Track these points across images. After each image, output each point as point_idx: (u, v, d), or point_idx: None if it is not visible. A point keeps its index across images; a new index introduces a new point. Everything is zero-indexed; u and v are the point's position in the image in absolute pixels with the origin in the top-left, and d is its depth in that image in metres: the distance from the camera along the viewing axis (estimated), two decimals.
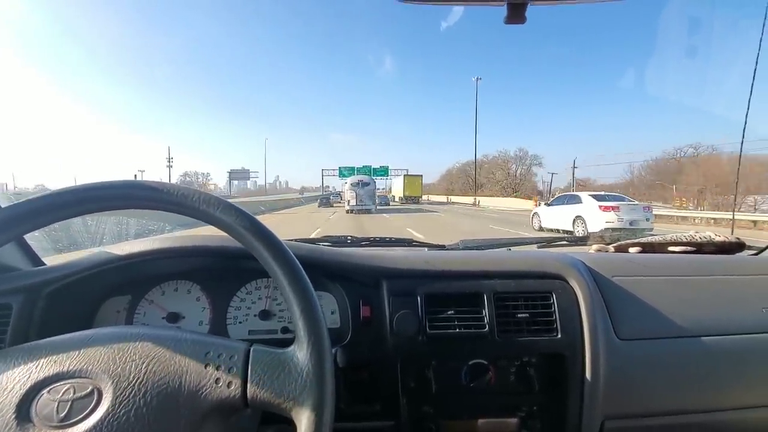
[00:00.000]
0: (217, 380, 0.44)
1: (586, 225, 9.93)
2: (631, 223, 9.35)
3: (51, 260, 0.90)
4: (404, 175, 48.30)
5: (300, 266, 0.49)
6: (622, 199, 10.78)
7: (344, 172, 51.23)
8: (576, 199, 10.99)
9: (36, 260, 0.89)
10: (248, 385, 0.44)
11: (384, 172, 57.79)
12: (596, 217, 9.72)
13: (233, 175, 64.06)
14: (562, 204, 11.41)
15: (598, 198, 10.53)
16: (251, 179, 70.67)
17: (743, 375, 0.82)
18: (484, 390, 0.79)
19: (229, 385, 0.43)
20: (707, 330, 0.82)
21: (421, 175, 48.73)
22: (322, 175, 61.43)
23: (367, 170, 52.30)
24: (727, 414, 0.82)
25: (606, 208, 9.74)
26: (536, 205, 15.98)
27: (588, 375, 0.76)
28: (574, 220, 10.42)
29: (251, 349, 0.47)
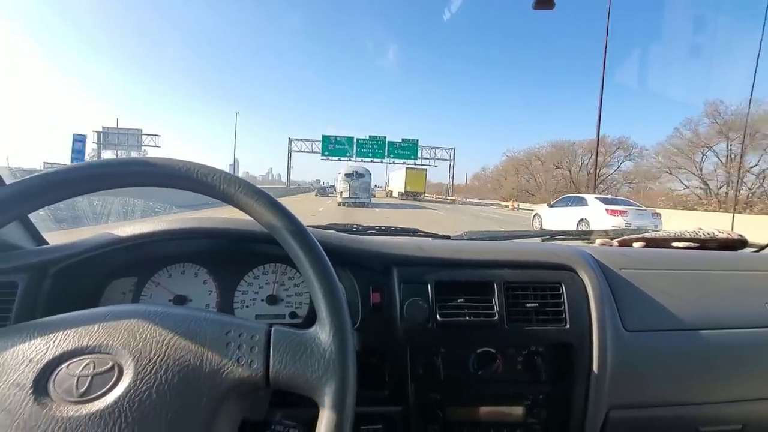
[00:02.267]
0: (238, 359, 0.43)
1: (590, 228, 9.40)
2: (638, 229, 8.94)
3: (54, 238, 0.89)
4: (406, 168, 40.10)
5: (321, 248, 0.49)
6: (629, 204, 10.40)
7: (332, 147, 35.13)
8: (581, 202, 10.64)
9: (39, 239, 0.88)
10: (270, 364, 0.44)
11: (410, 150, 39.04)
12: (602, 221, 9.32)
13: (108, 137, 35.64)
14: (566, 206, 11.05)
15: (604, 201, 10.19)
16: (152, 147, 36.95)
17: (744, 368, 0.83)
18: (492, 378, 0.80)
19: (251, 364, 0.43)
20: (710, 324, 0.84)
21: (426, 169, 40.53)
22: (289, 148, 40.67)
23: (376, 144, 37.71)
24: (728, 406, 0.83)
25: (613, 212, 9.41)
26: None
27: (595, 365, 0.77)
28: (578, 223, 10.06)
29: (272, 329, 0.46)
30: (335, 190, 27.00)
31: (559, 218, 10.92)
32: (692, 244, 1.14)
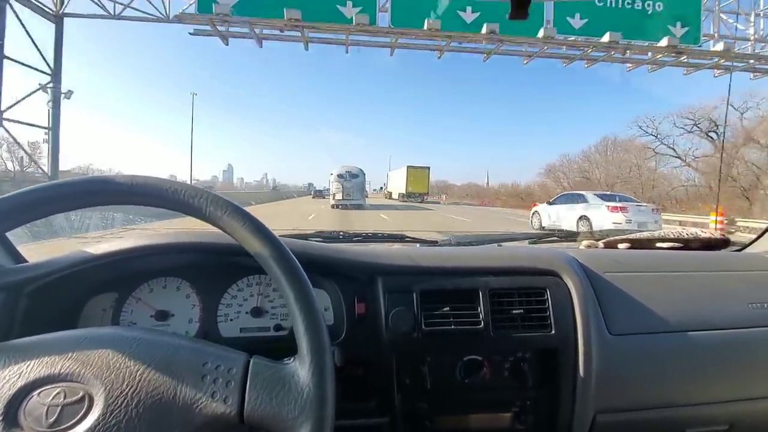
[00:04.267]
0: (213, 394, 0.42)
1: (591, 225, 9.47)
2: (639, 225, 8.86)
3: (31, 252, 0.86)
4: (407, 167, 35.02)
5: (308, 282, 0.48)
6: (629, 200, 10.37)
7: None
8: (581, 199, 10.50)
9: (17, 257, 0.86)
10: (246, 401, 0.42)
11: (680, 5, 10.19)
12: (603, 218, 9.31)
13: None
14: (566, 203, 10.91)
15: (604, 198, 10.14)
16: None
17: (730, 369, 0.84)
18: (479, 386, 0.80)
19: (225, 400, 0.42)
20: (694, 325, 0.84)
21: (428, 167, 35.71)
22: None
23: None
24: (714, 407, 0.84)
25: (614, 209, 9.37)
26: None
27: (580, 370, 0.77)
28: (578, 220, 9.99)
29: (251, 361, 0.45)
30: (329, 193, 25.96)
31: (558, 216, 10.79)
32: (676, 245, 1.15)
